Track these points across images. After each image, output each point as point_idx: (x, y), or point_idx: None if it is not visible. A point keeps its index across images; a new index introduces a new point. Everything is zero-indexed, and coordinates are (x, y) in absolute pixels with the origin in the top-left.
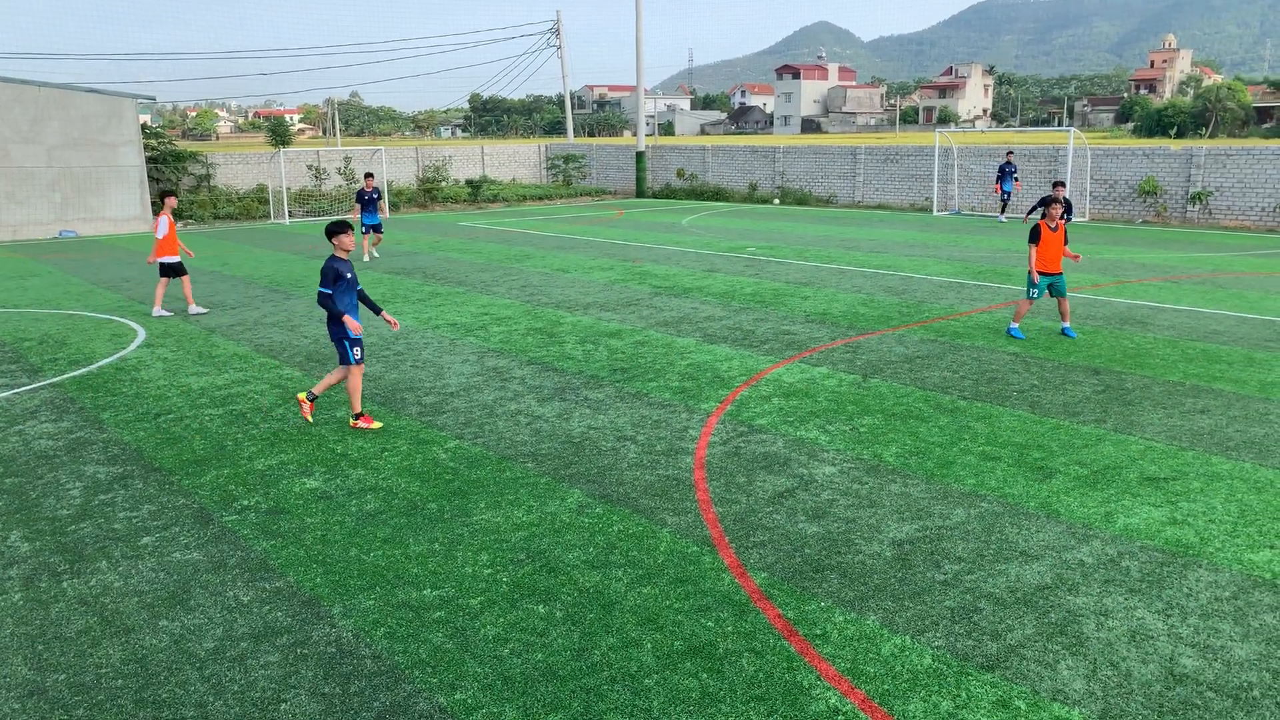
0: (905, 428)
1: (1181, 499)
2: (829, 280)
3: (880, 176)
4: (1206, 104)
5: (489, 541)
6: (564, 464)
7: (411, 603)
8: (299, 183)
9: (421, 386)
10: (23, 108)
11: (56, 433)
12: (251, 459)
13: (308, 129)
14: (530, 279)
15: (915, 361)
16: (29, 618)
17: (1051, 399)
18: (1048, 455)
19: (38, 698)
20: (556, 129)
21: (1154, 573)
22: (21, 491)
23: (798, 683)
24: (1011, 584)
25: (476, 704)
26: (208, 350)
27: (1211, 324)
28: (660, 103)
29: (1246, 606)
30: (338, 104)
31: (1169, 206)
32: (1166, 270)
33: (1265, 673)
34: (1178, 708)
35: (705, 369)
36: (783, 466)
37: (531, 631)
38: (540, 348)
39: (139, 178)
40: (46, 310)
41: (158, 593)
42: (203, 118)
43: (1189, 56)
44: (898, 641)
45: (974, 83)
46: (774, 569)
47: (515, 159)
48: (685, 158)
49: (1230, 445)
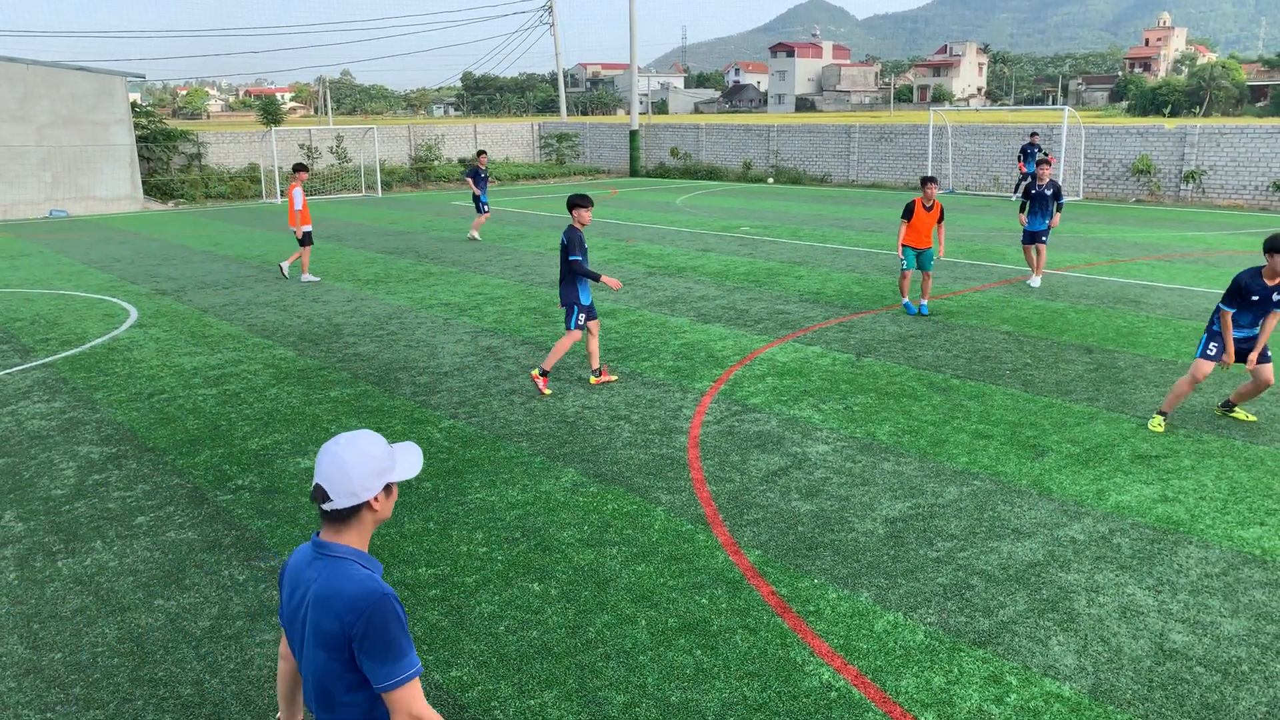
0: (898, 406)
1: (1172, 476)
2: (823, 259)
3: (874, 155)
4: (1201, 83)
5: (484, 520)
6: (558, 443)
7: (407, 581)
8: (290, 161)
9: (415, 366)
10: (11, 86)
11: (49, 413)
12: (245, 439)
13: (299, 108)
14: (524, 258)
15: (908, 340)
16: (24, 597)
17: (1044, 377)
18: (1040, 433)
19: (34, 676)
20: (550, 107)
21: (1145, 550)
22: (15, 471)
23: (791, 659)
24: (1003, 561)
25: (472, 681)
26: (200, 330)
27: (1204, 303)
28: (654, 81)
29: (1236, 583)
30: (329, 82)
31: (1163, 185)
32: (1159, 249)
33: (1254, 648)
34: (1167, 682)
35: (699, 348)
36: (776, 445)
37: (526, 609)
38: (534, 327)
39: (129, 157)
40: (38, 290)
41: (153, 572)
42: (193, 96)
43: (1184, 35)
44: (890, 618)
45: (968, 61)
46: (767, 547)
47: (508, 138)
48: (679, 136)
49: (1221, 423)
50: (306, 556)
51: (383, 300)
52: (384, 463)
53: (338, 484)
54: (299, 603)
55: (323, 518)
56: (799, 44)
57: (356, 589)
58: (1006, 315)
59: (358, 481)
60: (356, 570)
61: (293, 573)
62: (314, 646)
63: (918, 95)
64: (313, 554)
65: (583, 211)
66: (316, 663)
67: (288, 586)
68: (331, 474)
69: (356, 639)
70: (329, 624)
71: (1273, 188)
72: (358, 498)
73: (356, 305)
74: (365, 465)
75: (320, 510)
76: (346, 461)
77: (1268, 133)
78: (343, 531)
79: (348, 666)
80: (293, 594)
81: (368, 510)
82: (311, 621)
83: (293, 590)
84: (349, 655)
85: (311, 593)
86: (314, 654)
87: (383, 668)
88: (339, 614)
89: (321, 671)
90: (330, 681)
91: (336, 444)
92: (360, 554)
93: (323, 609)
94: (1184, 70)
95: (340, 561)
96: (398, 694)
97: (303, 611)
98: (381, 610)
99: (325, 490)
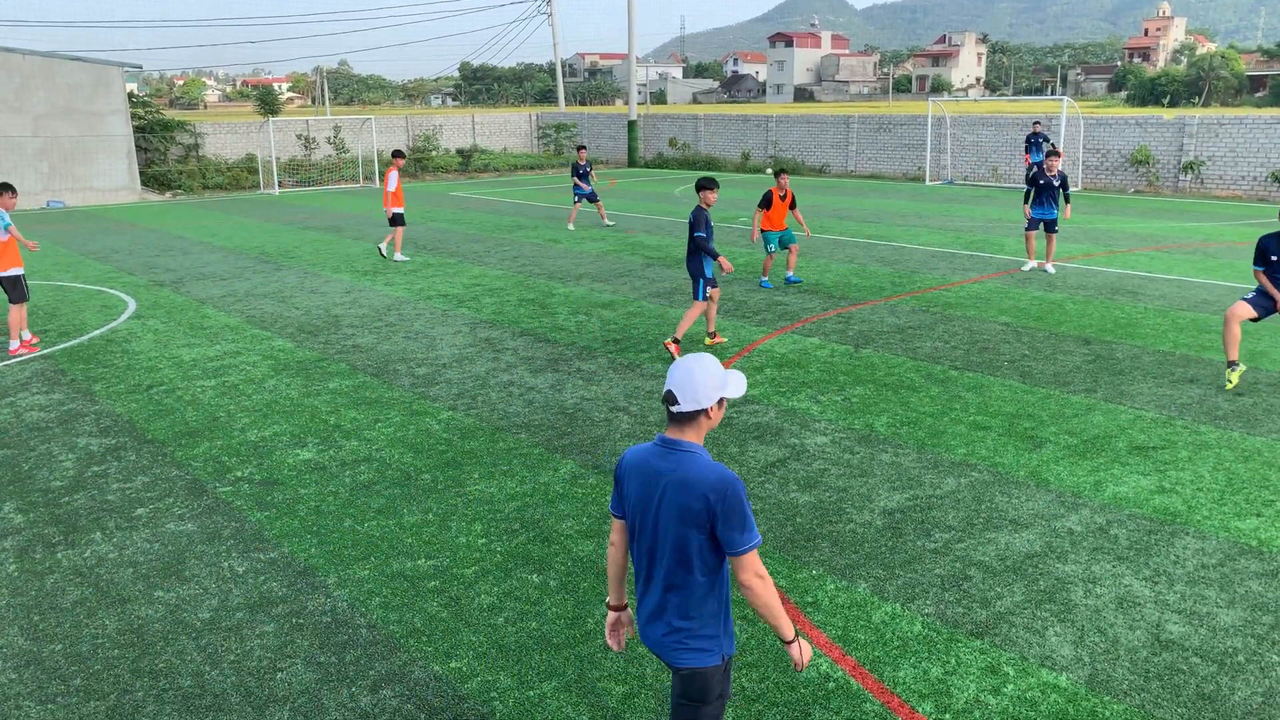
0: (896, 398)
1: (1170, 468)
2: (822, 250)
3: (873, 146)
4: (1200, 73)
5: (483, 512)
6: (557, 435)
7: (406, 573)
8: (288, 152)
9: (414, 358)
10: (7, 76)
11: (48, 404)
12: (244, 430)
13: (296, 98)
14: (522, 249)
15: (907, 332)
16: (24, 589)
17: (1042, 369)
18: (1038, 425)
19: (35, 668)
20: (548, 97)
21: (1142, 541)
22: (14, 463)
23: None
24: (1001, 552)
25: (472, 672)
26: (199, 321)
27: (1202, 293)
28: (652, 71)
29: (1232, 574)
30: (326, 72)
31: (1161, 176)
32: (1158, 240)
33: (1250, 638)
34: (1163, 673)
35: (698, 340)
36: (775, 436)
37: (525, 600)
38: (533, 319)
39: (126, 147)
40: (36, 281)
41: (153, 564)
42: (190, 86)
43: (1183, 24)
44: (888, 609)
45: (967, 51)
46: (766, 538)
47: (506, 128)
48: (677, 127)
49: (1218, 414)
50: (653, 453)
51: (381, 291)
52: (721, 380)
53: (686, 391)
54: (653, 490)
55: (670, 420)
56: (797, 34)
57: (715, 475)
58: (1005, 306)
59: (701, 392)
60: (708, 460)
61: (640, 467)
62: (676, 522)
63: (916, 85)
64: (662, 450)
65: (709, 193)
66: (678, 535)
67: (635, 479)
68: (682, 383)
69: (719, 514)
70: (694, 503)
71: (1271, 178)
72: (699, 405)
73: (355, 296)
74: (708, 380)
75: (669, 413)
76: (695, 374)
77: (1266, 123)
78: (685, 430)
79: (707, 536)
80: (643, 484)
81: (704, 416)
82: (672, 503)
83: (643, 481)
84: (710, 527)
85: (671, 479)
86: (676, 528)
87: (738, 535)
88: (703, 494)
89: (683, 541)
90: (690, 549)
91: (687, 361)
92: (702, 448)
93: (686, 491)
94: (1183, 60)
95: (692, 454)
96: (746, 558)
97: (658, 496)
98: (737, 490)
99: (675, 395)
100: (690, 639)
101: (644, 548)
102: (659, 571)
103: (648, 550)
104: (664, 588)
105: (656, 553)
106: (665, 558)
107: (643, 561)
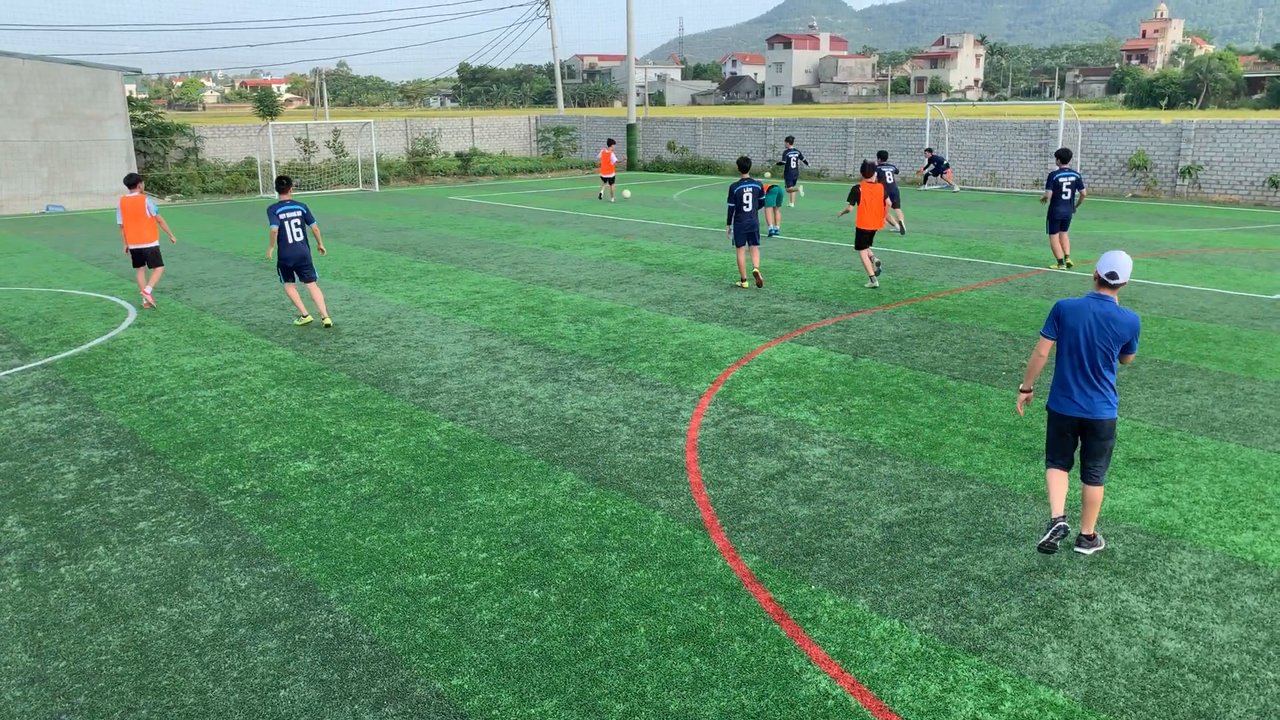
0: (895, 408)
1: (1166, 480)
2: (820, 257)
3: (872, 150)
4: (1198, 75)
5: (483, 525)
6: (557, 446)
7: (408, 588)
8: (287, 155)
9: (414, 367)
10: (6, 80)
11: (50, 415)
12: (246, 442)
13: (295, 99)
14: (521, 256)
15: (905, 340)
16: (28, 604)
17: (1041, 379)
18: (1036, 436)
19: (39, 685)
20: (546, 99)
21: (1138, 555)
22: (16, 475)
23: (789, 667)
24: (998, 566)
25: (473, 689)
26: (199, 330)
27: (1199, 301)
28: (651, 72)
29: (1228, 589)
30: (325, 74)
31: (1159, 180)
32: (1155, 246)
33: (1245, 655)
34: (1160, 690)
35: (697, 348)
36: (774, 448)
37: (527, 616)
38: (532, 327)
39: (126, 151)
40: (36, 288)
41: (155, 579)
42: (188, 88)
43: (1181, 26)
44: (887, 625)
45: (966, 52)
46: (765, 552)
47: (505, 131)
48: (676, 130)
49: (1215, 426)
50: (1085, 301)
51: (381, 299)
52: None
53: (1123, 269)
54: (1086, 319)
55: (1100, 284)
56: (796, 35)
57: (1130, 316)
58: (1003, 315)
59: (1129, 270)
60: (1121, 306)
61: (1074, 307)
62: (1103, 338)
63: (915, 87)
64: (1094, 301)
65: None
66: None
67: (1069, 314)
68: (1124, 265)
69: (1132, 337)
70: (1120, 331)
71: (1268, 183)
72: (1126, 279)
73: (355, 304)
74: (1131, 264)
75: (1104, 280)
76: (1128, 259)
77: (1264, 128)
78: (1108, 291)
79: (1121, 347)
80: (1077, 316)
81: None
82: (1103, 328)
83: (1076, 314)
84: (1124, 343)
85: (1100, 313)
86: (1104, 341)
87: (1135, 343)
88: (1126, 325)
89: (1108, 350)
90: (1110, 356)
91: (1122, 253)
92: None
93: (1112, 323)
94: (1181, 62)
95: (1114, 304)
96: (1133, 356)
97: (1088, 321)
98: (1139, 326)
99: (1117, 272)
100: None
101: (1079, 352)
102: (1087, 365)
103: (1084, 352)
104: (1094, 373)
105: (1087, 354)
106: (1097, 356)
107: (1076, 359)
